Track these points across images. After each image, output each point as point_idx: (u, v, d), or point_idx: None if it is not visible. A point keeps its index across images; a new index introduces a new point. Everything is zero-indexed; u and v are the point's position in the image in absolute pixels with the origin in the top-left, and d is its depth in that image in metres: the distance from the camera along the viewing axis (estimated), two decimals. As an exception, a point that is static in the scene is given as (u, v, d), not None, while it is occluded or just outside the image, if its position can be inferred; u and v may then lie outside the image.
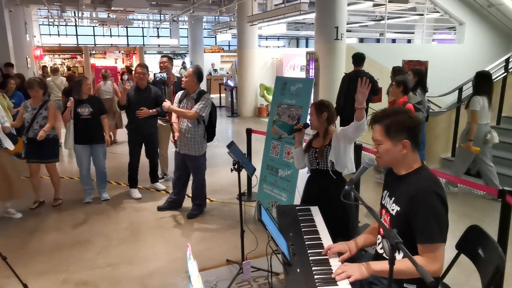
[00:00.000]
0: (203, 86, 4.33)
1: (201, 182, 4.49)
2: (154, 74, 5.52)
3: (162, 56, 5.49)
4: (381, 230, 1.96)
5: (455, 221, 4.29)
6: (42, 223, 4.38)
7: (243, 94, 12.25)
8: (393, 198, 1.89)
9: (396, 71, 5.31)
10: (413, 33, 16.44)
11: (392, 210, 1.87)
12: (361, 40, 20.36)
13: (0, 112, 4.06)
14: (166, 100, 4.45)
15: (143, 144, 5.14)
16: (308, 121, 3.26)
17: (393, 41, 21.60)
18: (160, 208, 4.70)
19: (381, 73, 7.22)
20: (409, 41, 18.67)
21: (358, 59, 5.78)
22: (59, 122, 4.66)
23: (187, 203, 4.72)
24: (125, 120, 5.35)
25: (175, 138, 4.26)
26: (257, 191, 4.39)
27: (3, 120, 4.08)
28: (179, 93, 4.37)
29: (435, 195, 1.73)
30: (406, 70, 6.17)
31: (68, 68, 16.73)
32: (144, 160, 5.24)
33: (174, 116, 4.31)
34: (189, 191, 4.70)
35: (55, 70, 10.64)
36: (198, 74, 4.23)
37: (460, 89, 6.45)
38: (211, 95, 13.48)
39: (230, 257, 3.53)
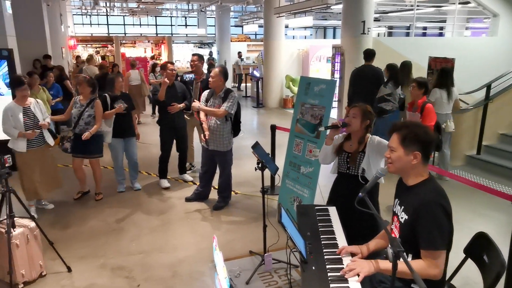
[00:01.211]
0: (229, 75, 4.57)
1: (228, 176, 4.73)
2: (182, 75, 5.73)
3: (193, 55, 5.68)
4: (392, 234, 2.13)
5: (471, 221, 4.37)
6: (82, 211, 4.74)
7: (269, 85, 12.39)
8: (402, 207, 2.05)
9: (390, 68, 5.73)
10: (444, 21, 15.97)
11: (401, 218, 2.03)
12: (390, 32, 19.91)
13: (42, 111, 4.35)
14: (195, 100, 4.67)
15: (175, 138, 5.41)
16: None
17: (424, 29, 21.03)
18: (188, 199, 4.98)
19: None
20: (441, 31, 18.13)
21: (368, 55, 6.27)
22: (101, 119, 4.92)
23: (213, 195, 4.98)
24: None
25: (206, 137, 4.46)
26: (280, 186, 4.58)
27: (45, 115, 4.39)
28: (205, 92, 4.57)
29: (438, 206, 1.88)
30: (432, 67, 6.17)
31: (102, 58, 17.34)
32: (172, 152, 5.51)
33: (202, 114, 4.52)
34: (215, 183, 4.96)
35: (89, 60, 11.26)
36: (224, 73, 4.43)
37: (488, 86, 6.37)
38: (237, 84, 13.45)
39: (253, 249, 3.76)
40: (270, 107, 12.37)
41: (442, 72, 5.45)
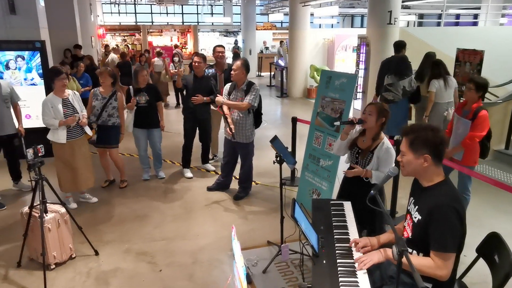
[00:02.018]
0: (253, 64, 4.64)
1: (249, 167, 4.83)
2: (204, 70, 5.81)
3: (219, 46, 5.76)
4: (404, 232, 2.16)
5: (493, 217, 4.30)
6: (109, 198, 4.97)
7: (293, 74, 12.33)
8: (416, 207, 2.08)
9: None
10: (479, 8, 15.31)
11: (415, 218, 2.06)
12: (420, 22, 19.24)
13: (79, 103, 4.49)
14: (218, 95, 4.74)
15: (197, 128, 5.54)
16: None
17: (457, 17, 20.27)
18: (209, 189, 5.12)
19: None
20: (475, 20, 17.40)
21: (397, 46, 6.28)
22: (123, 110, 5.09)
23: (234, 185, 5.10)
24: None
25: (233, 131, 4.52)
26: (300, 178, 4.64)
27: (81, 107, 4.53)
28: (227, 86, 4.65)
29: (452, 209, 1.90)
30: (460, 59, 6.00)
31: (126, 47, 17.76)
32: (196, 141, 5.65)
33: (225, 108, 4.60)
34: (236, 173, 5.06)
35: (115, 49, 11.74)
36: (246, 66, 4.48)
37: (519, 79, 6.16)
38: (262, 74, 13.97)
39: (271, 239, 3.85)
40: (294, 97, 12.33)
41: (434, 64, 5.59)
